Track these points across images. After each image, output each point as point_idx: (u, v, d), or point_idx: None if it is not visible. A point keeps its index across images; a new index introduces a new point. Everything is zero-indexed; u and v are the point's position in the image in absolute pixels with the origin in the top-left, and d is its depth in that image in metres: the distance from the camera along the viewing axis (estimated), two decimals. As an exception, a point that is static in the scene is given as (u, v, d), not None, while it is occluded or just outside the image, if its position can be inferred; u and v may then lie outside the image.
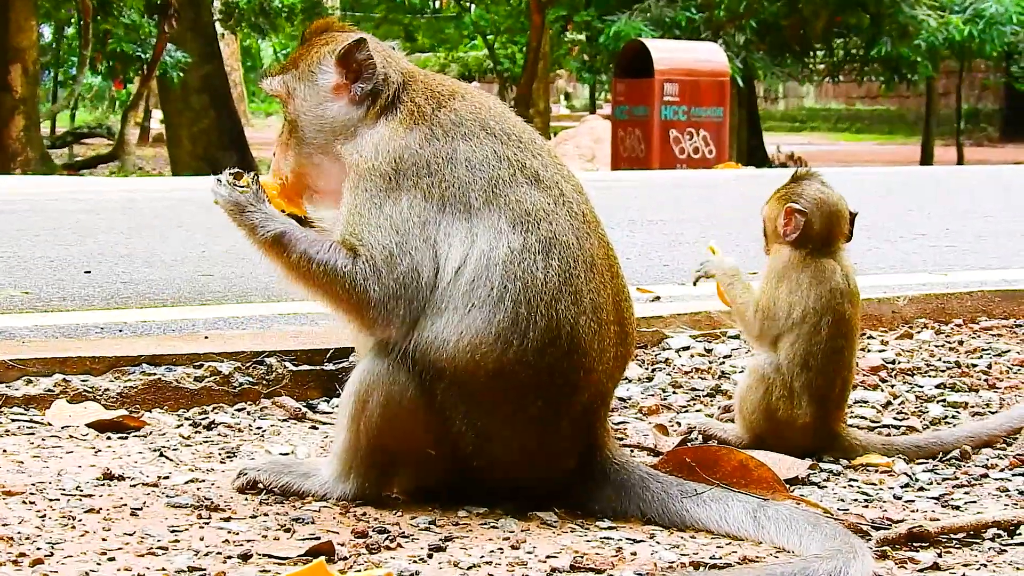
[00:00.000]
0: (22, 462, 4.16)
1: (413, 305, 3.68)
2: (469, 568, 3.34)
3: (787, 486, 4.04)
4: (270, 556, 3.34)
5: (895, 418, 5.01)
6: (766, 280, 4.60)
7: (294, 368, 5.16)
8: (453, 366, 3.63)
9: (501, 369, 3.62)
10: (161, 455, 4.33)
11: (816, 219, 4.55)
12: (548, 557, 3.42)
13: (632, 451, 4.49)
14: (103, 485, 3.92)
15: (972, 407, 5.14)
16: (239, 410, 4.97)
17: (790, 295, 4.52)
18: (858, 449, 4.53)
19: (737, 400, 4.66)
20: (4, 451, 4.28)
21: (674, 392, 5.36)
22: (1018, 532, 3.67)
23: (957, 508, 4.00)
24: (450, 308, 3.64)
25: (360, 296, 3.70)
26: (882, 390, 5.38)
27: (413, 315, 3.68)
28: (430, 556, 3.40)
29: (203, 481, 4.01)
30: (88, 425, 4.62)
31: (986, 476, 4.31)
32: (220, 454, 4.40)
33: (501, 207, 3.70)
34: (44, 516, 3.59)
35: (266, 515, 3.68)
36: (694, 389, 5.38)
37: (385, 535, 3.52)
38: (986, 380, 5.53)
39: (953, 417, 5.02)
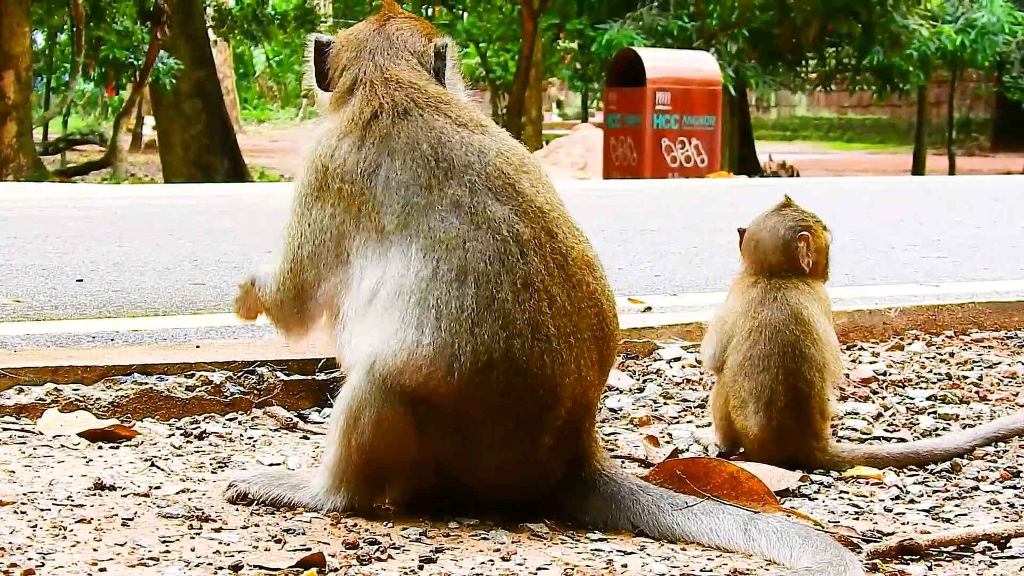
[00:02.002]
0: (13, 471, 4.16)
1: (306, 316, 3.94)
2: (460, 580, 3.34)
3: (778, 498, 4.04)
4: (261, 567, 3.34)
5: (886, 430, 5.01)
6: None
7: (286, 378, 5.16)
8: (410, 384, 3.62)
9: (452, 390, 3.61)
10: (152, 465, 4.33)
11: (747, 242, 4.68)
12: (539, 569, 3.42)
13: (623, 462, 4.49)
14: (94, 495, 3.92)
15: (963, 419, 5.15)
16: (230, 420, 4.97)
17: (726, 308, 4.66)
18: (843, 463, 4.54)
19: (709, 408, 4.79)
20: (-5, 460, 4.28)
21: (665, 403, 5.36)
22: (1009, 546, 3.67)
23: (948, 521, 4.00)
24: (376, 327, 3.67)
25: (264, 297, 4.03)
26: (873, 402, 5.39)
27: (307, 325, 3.96)
28: (421, 567, 3.40)
29: (194, 491, 4.01)
30: (79, 434, 4.61)
31: (977, 489, 4.31)
32: (211, 464, 4.39)
33: (413, 234, 3.68)
34: (35, 526, 3.58)
35: (257, 526, 3.68)
36: (685, 400, 5.39)
37: (376, 546, 3.52)
38: (977, 392, 5.54)
39: (944, 429, 5.02)
